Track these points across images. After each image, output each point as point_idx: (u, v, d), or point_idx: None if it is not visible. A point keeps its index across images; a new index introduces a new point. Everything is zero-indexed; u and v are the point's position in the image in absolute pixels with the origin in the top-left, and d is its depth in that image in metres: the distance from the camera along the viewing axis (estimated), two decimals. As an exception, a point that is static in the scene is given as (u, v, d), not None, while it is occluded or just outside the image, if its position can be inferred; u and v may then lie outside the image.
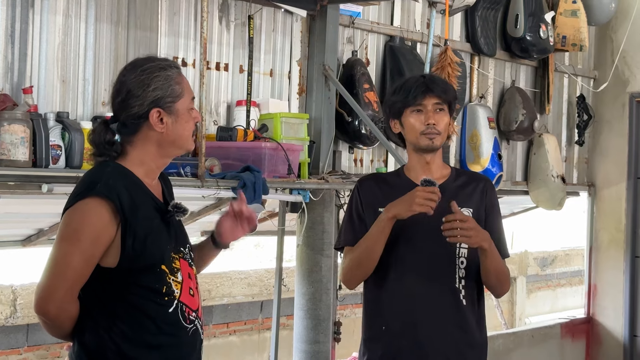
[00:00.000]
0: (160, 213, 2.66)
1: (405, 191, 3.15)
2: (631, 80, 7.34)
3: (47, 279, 2.52)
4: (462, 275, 3.17)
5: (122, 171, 2.61)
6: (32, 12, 3.88)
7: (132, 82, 2.60)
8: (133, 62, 2.68)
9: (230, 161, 4.41)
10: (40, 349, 7.34)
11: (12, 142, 3.56)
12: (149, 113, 2.59)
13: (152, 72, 2.61)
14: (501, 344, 6.49)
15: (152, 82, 2.60)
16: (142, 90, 2.59)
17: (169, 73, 2.63)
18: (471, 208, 3.21)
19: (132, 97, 2.60)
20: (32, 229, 5.01)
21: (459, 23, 6.24)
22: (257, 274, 8.99)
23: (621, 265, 7.38)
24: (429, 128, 3.15)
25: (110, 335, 2.56)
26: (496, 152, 6.22)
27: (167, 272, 2.62)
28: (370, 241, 3.14)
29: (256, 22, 4.83)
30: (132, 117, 2.60)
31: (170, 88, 2.62)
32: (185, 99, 2.66)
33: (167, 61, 2.68)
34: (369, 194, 3.26)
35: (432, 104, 3.15)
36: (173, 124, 2.63)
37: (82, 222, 2.52)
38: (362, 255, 3.16)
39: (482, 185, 3.28)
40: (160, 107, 2.60)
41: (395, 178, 3.32)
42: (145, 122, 2.60)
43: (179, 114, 2.64)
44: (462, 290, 3.17)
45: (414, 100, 3.15)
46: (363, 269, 3.19)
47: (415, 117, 3.16)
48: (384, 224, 3.10)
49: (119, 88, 2.63)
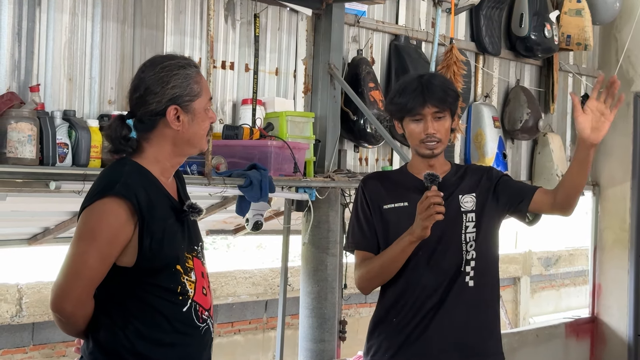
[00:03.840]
0: (175, 212, 2.66)
1: (409, 186, 3.21)
2: (636, 79, 7.35)
3: (63, 278, 2.53)
4: (470, 257, 3.18)
5: (140, 170, 2.61)
6: (39, 11, 3.89)
7: (151, 79, 2.61)
8: (152, 59, 2.68)
9: (237, 159, 4.42)
10: (45, 347, 7.34)
11: (19, 140, 3.57)
12: (166, 110, 2.60)
13: (171, 69, 2.61)
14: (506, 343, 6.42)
15: (172, 80, 2.60)
16: (161, 87, 2.60)
17: (188, 72, 2.63)
18: (473, 193, 3.23)
19: (151, 94, 2.60)
20: (38, 228, 5.01)
21: (464, 22, 6.25)
22: (262, 273, 8.99)
23: (625, 264, 7.39)
24: (429, 137, 3.15)
25: (125, 333, 2.57)
26: (501, 151, 6.23)
27: (181, 272, 2.63)
28: (390, 260, 3.14)
29: (262, 20, 4.84)
30: (149, 113, 2.61)
31: (189, 87, 2.62)
32: (202, 98, 2.66)
33: (186, 60, 2.69)
34: (374, 192, 3.27)
35: (431, 113, 3.14)
36: (189, 122, 2.63)
37: (100, 221, 2.52)
38: (382, 269, 3.17)
39: (481, 171, 3.30)
40: (178, 104, 2.61)
41: (399, 175, 3.34)
42: (162, 119, 2.61)
43: (196, 113, 2.64)
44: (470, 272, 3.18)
45: (412, 109, 3.14)
46: (381, 280, 3.21)
47: (415, 126, 3.16)
48: (406, 246, 3.09)
49: (138, 84, 2.63)
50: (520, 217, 3.32)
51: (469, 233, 3.18)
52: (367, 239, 3.24)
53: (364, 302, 9.44)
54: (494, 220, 3.27)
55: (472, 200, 3.20)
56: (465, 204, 3.21)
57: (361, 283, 3.26)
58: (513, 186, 3.27)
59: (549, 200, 3.20)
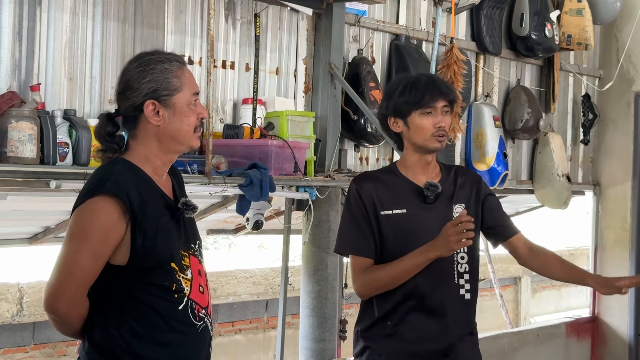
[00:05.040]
0: (170, 210, 2.65)
1: (408, 192, 3.19)
2: (636, 79, 7.34)
3: (56, 278, 2.53)
4: (463, 270, 3.19)
5: (131, 168, 2.61)
6: (40, 10, 3.89)
7: (130, 74, 2.62)
8: (137, 55, 2.69)
9: (237, 159, 4.42)
10: (46, 347, 7.35)
11: (20, 139, 3.57)
12: (143, 104, 2.60)
13: (148, 64, 2.61)
14: (506, 342, 6.48)
15: (148, 75, 2.60)
16: (138, 82, 2.60)
17: (166, 66, 2.62)
18: (464, 204, 3.23)
19: (129, 89, 2.61)
20: (39, 227, 5.02)
21: (464, 22, 6.25)
22: (263, 272, 9.00)
23: (626, 264, 7.38)
24: (440, 131, 3.15)
25: (120, 333, 2.56)
26: (501, 150, 6.22)
27: (176, 270, 2.62)
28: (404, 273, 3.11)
29: (262, 20, 4.84)
30: (128, 108, 2.61)
31: (166, 81, 2.61)
32: (184, 93, 2.63)
33: (170, 55, 2.68)
34: (370, 196, 3.21)
35: (442, 107, 3.16)
36: (170, 117, 2.61)
37: (91, 220, 2.52)
38: (393, 280, 3.14)
39: (471, 181, 3.30)
40: (155, 99, 2.60)
41: (392, 177, 3.26)
42: (141, 114, 2.60)
43: (177, 107, 2.62)
44: (465, 285, 3.19)
45: (426, 102, 3.14)
46: (388, 289, 3.18)
47: (426, 119, 3.15)
48: (424, 262, 3.07)
49: (120, 80, 2.65)
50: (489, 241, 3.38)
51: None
52: (365, 244, 3.19)
53: (364, 301, 9.42)
54: (478, 232, 3.26)
55: (462, 210, 3.20)
56: (456, 214, 3.19)
57: (364, 290, 3.23)
58: (497, 216, 3.30)
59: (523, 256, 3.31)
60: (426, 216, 3.16)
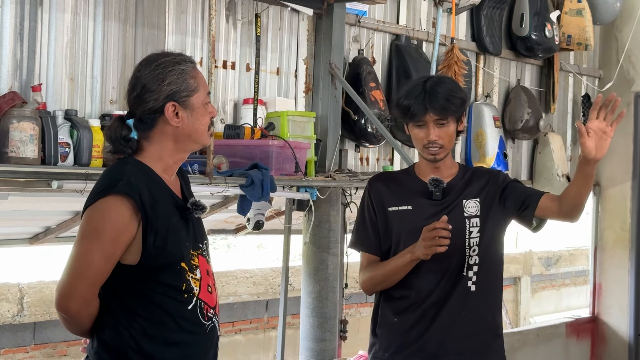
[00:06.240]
0: (179, 210, 2.67)
1: (413, 190, 3.23)
2: (636, 79, 7.35)
3: (68, 277, 2.54)
4: (473, 262, 3.19)
5: (142, 168, 2.62)
6: (41, 10, 3.89)
7: (147, 77, 2.62)
8: (148, 58, 2.69)
9: (238, 159, 4.42)
10: (47, 347, 7.35)
11: (21, 139, 3.57)
12: (164, 107, 2.60)
13: (166, 66, 2.62)
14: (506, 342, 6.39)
15: (167, 77, 2.61)
16: (157, 84, 2.60)
17: (183, 67, 2.64)
18: (478, 198, 3.24)
19: (148, 92, 2.61)
20: (40, 227, 5.01)
21: (465, 22, 6.25)
22: (263, 273, 9.00)
23: (626, 264, 7.39)
24: (430, 143, 3.17)
25: (130, 332, 2.57)
26: (501, 151, 6.23)
27: (186, 270, 2.63)
28: (393, 271, 3.19)
29: (263, 20, 4.85)
30: (147, 111, 2.61)
31: (185, 82, 2.63)
32: (200, 93, 2.66)
33: (181, 56, 2.69)
34: (379, 195, 3.29)
35: (433, 120, 3.15)
36: (189, 118, 2.64)
37: (103, 220, 2.53)
38: (385, 278, 3.23)
39: (488, 176, 3.31)
40: (176, 101, 2.62)
41: (405, 176, 3.35)
42: (161, 116, 2.62)
43: (195, 108, 2.65)
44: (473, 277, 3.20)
45: (414, 116, 3.16)
46: (385, 286, 3.26)
47: (418, 131, 3.19)
48: (408, 263, 3.14)
49: (134, 83, 2.64)
50: (526, 223, 3.31)
51: (472, 238, 3.19)
52: (371, 242, 3.28)
53: (364, 301, 9.45)
54: (499, 225, 3.27)
55: (475, 205, 3.22)
56: (468, 209, 3.22)
57: (365, 287, 3.32)
58: (520, 191, 3.27)
59: (555, 208, 3.22)
60: (433, 212, 3.17)
